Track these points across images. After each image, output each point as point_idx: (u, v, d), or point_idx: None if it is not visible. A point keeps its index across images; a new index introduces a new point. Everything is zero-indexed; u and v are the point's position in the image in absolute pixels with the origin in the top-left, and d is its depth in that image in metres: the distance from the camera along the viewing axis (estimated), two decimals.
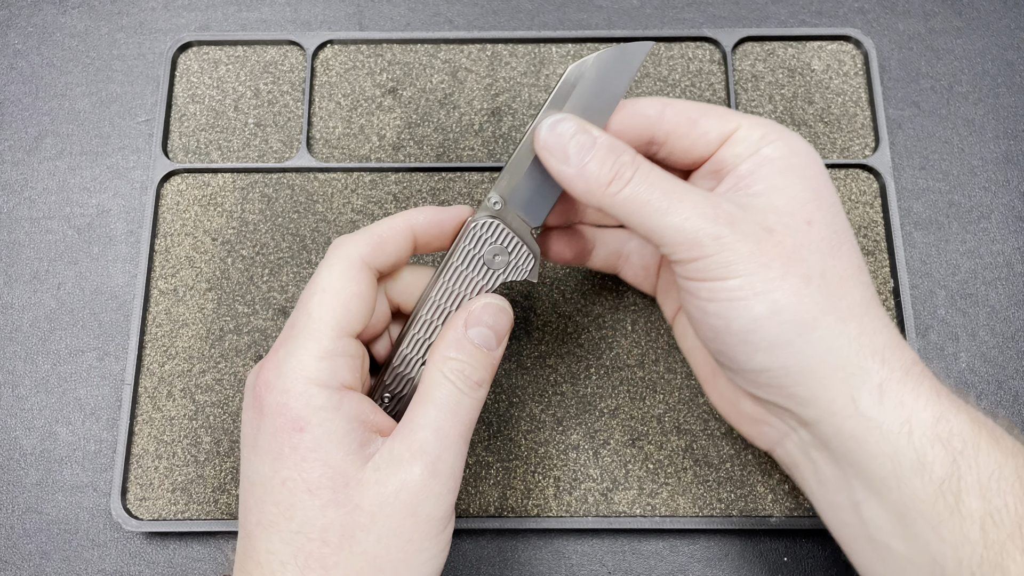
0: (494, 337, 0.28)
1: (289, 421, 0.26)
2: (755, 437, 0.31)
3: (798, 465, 0.29)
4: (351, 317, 0.27)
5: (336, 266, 0.28)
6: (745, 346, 0.26)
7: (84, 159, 0.42)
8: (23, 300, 0.40)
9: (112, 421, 0.38)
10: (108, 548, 0.36)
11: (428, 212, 0.30)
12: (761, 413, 0.29)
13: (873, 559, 0.27)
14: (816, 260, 0.26)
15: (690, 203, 0.26)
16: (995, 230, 0.40)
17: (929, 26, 0.44)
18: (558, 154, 0.27)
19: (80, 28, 0.45)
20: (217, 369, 0.38)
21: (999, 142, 0.42)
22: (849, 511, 0.27)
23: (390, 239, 0.29)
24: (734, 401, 0.30)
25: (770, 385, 0.27)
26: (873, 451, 0.25)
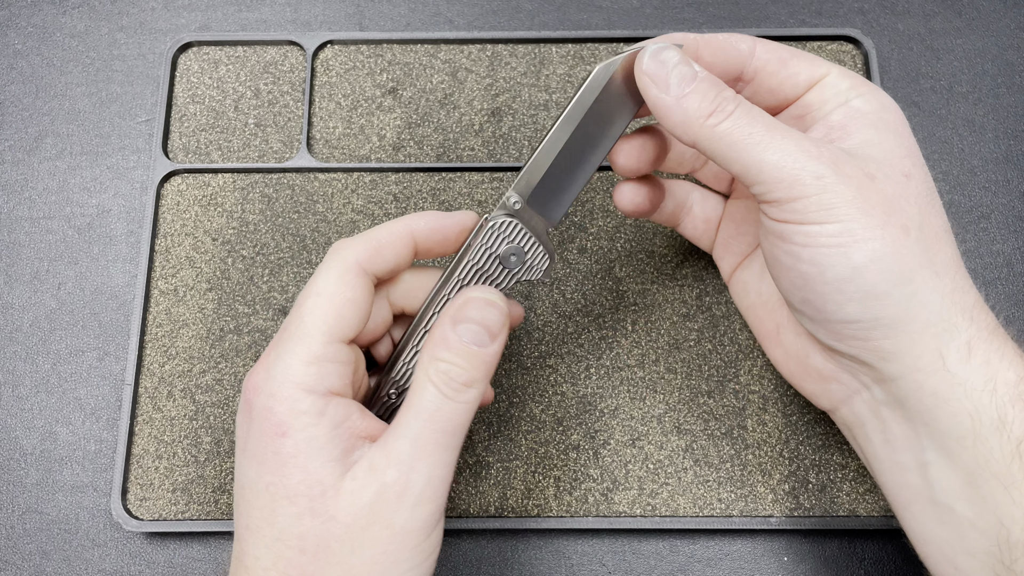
0: (485, 333, 0.27)
1: (273, 425, 0.25)
2: (818, 395, 0.30)
3: (864, 424, 0.28)
4: (343, 323, 0.27)
5: (332, 270, 0.27)
6: (838, 295, 0.25)
7: (84, 159, 0.42)
8: (23, 300, 0.40)
9: (112, 421, 0.38)
10: (108, 548, 0.36)
11: (430, 217, 0.29)
12: (832, 370, 0.29)
13: (932, 522, 0.26)
14: (915, 212, 0.26)
15: (792, 140, 0.25)
16: (995, 230, 0.40)
17: (929, 26, 0.44)
18: (660, 82, 0.26)
19: (80, 28, 0.45)
20: (217, 369, 0.38)
21: (999, 142, 0.42)
22: (914, 472, 0.27)
23: (389, 244, 0.28)
24: (803, 357, 0.30)
25: (855, 338, 0.26)
26: (954, 408, 0.25)
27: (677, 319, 0.38)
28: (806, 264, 0.25)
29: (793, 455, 0.36)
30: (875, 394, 0.27)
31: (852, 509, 0.36)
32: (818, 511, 0.36)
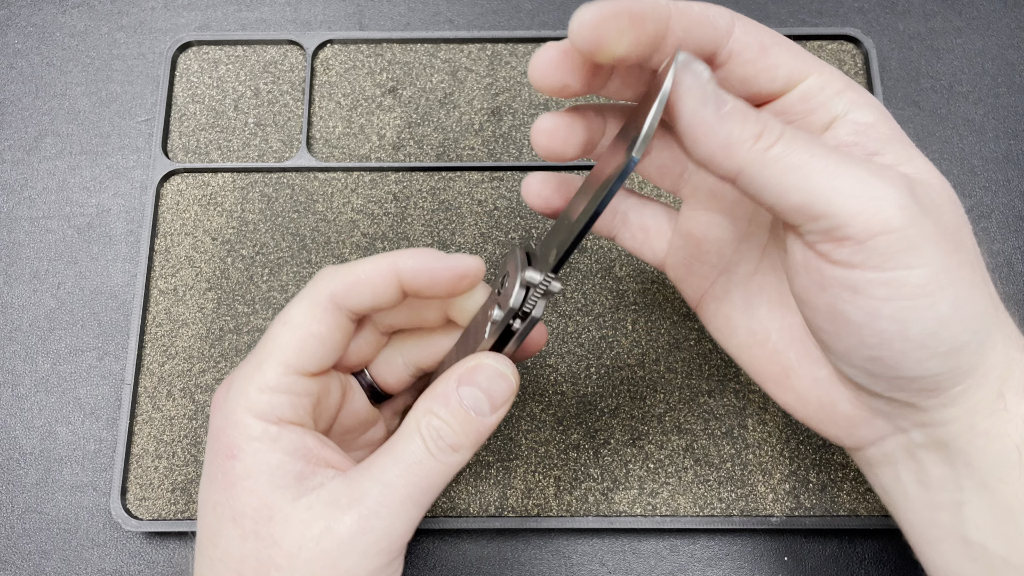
0: (487, 402, 0.25)
1: (224, 447, 0.25)
2: (843, 438, 0.27)
3: (895, 464, 0.26)
4: (303, 356, 0.25)
5: (304, 301, 0.26)
6: (920, 352, 0.22)
7: (84, 159, 0.42)
8: (23, 300, 0.40)
9: (112, 421, 0.38)
10: (108, 548, 0.36)
11: (421, 257, 0.26)
12: (865, 417, 0.25)
13: (961, 559, 0.25)
14: (971, 244, 0.23)
15: (862, 162, 0.21)
16: (995, 230, 0.40)
17: (929, 26, 0.44)
18: (697, 93, 0.21)
19: (80, 28, 0.45)
20: (217, 369, 0.38)
21: (999, 142, 0.42)
22: (947, 511, 0.25)
23: (367, 281, 0.26)
24: (826, 404, 0.26)
25: (925, 390, 0.23)
26: (1004, 444, 0.23)
27: (677, 319, 0.38)
28: (886, 321, 0.21)
29: (793, 455, 0.36)
30: (913, 437, 0.25)
31: (853, 509, 0.36)
32: (819, 511, 0.36)
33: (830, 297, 0.22)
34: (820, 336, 0.24)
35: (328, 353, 0.26)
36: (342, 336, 0.26)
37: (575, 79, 0.23)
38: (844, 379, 0.25)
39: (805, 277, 0.23)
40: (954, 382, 0.23)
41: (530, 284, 0.24)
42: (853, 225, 0.21)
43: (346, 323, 0.27)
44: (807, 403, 0.27)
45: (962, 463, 0.24)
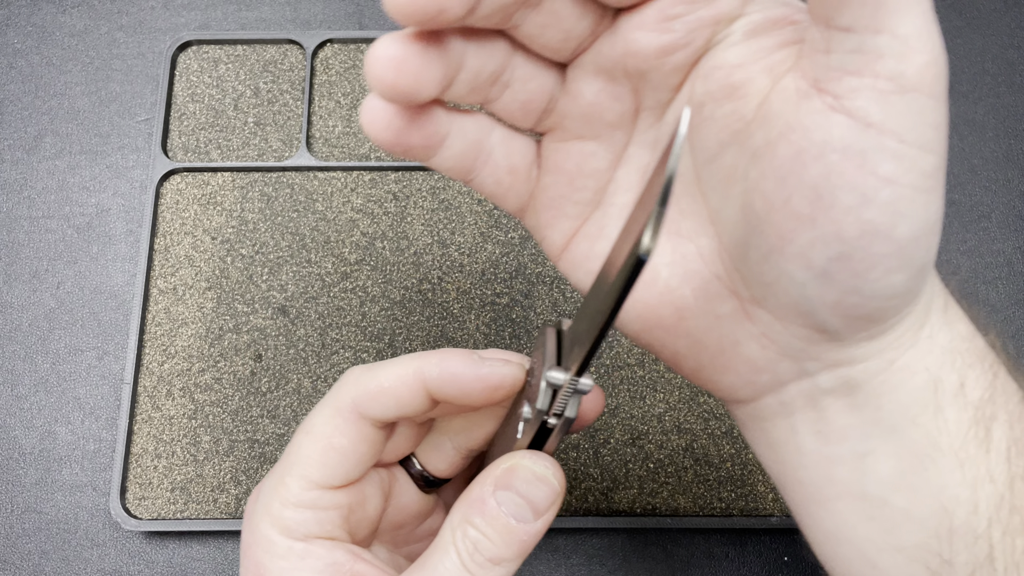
0: (528, 509, 0.22)
1: (252, 564, 0.24)
2: (737, 388, 0.23)
3: (791, 415, 0.23)
4: (327, 471, 0.24)
5: (326, 408, 0.24)
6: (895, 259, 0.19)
7: (83, 158, 0.42)
8: (22, 299, 0.40)
9: (111, 420, 0.38)
10: (107, 548, 0.36)
11: (450, 363, 0.23)
12: (771, 358, 0.22)
13: (856, 517, 0.22)
14: None
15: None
16: (996, 229, 0.40)
17: None
18: None
19: (79, 27, 0.44)
20: (216, 368, 0.38)
21: (1000, 141, 0.42)
22: (846, 465, 0.22)
23: (390, 391, 0.24)
24: (727, 347, 0.22)
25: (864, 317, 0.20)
26: (919, 381, 0.21)
27: None
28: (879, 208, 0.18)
29: None
30: (818, 382, 0.22)
31: None
32: None
33: (824, 167, 0.18)
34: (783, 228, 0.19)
35: (353, 467, 0.24)
36: (368, 447, 0.24)
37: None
38: (756, 311, 0.22)
39: (801, 138, 0.18)
40: (899, 308, 0.20)
41: (556, 387, 0.21)
42: (910, 60, 0.17)
43: (372, 433, 0.24)
44: (703, 348, 0.23)
45: (872, 407, 0.21)
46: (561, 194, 0.24)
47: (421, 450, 0.27)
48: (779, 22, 0.20)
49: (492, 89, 0.22)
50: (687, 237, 0.23)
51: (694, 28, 0.20)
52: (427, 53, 0.20)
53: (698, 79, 0.21)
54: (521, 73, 0.22)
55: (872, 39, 0.17)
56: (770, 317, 0.21)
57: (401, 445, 0.26)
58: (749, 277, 0.21)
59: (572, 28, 0.21)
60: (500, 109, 0.23)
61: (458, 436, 0.26)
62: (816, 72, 0.18)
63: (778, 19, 0.20)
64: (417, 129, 0.21)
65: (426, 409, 0.24)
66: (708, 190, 0.22)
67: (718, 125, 0.21)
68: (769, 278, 0.20)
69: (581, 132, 0.23)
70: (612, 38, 0.21)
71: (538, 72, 0.23)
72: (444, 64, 0.20)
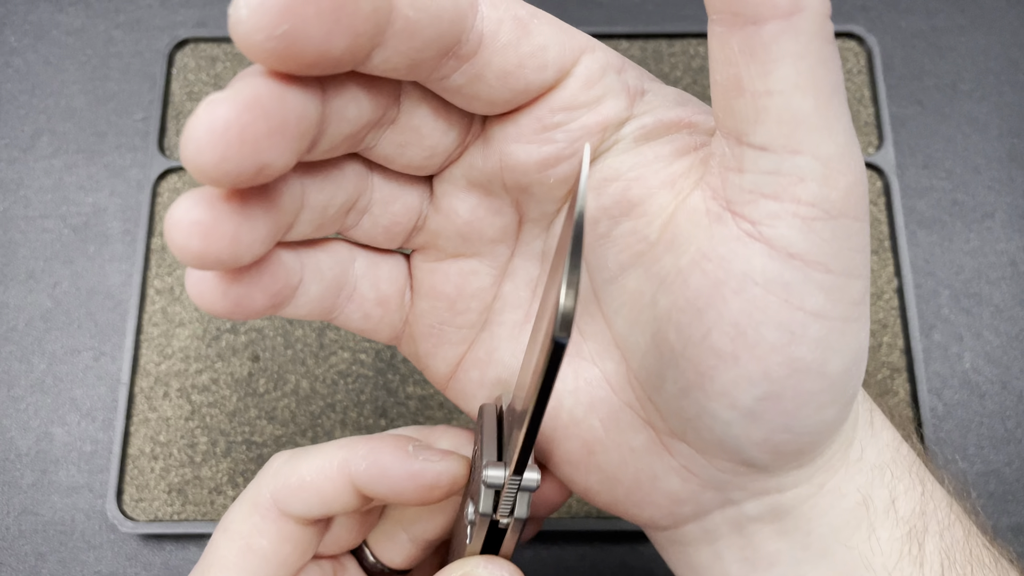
0: None
1: None
2: (657, 519, 0.21)
3: (715, 542, 0.21)
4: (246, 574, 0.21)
5: (244, 503, 0.21)
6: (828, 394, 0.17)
7: (80, 157, 0.42)
8: (18, 300, 0.40)
9: (108, 421, 0.38)
10: (104, 550, 0.36)
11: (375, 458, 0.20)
12: (693, 490, 0.20)
13: None
14: None
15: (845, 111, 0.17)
16: (999, 229, 0.40)
17: (932, 23, 0.43)
18: None
19: (76, 25, 0.44)
20: (213, 369, 0.38)
21: (1003, 140, 0.41)
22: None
23: (312, 485, 0.20)
24: (643, 481, 0.20)
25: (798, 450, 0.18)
26: (851, 502, 0.19)
27: None
28: (808, 346, 0.16)
29: None
30: (745, 510, 0.20)
31: None
32: None
33: (745, 302, 0.16)
34: (702, 365, 0.17)
35: (275, 570, 0.21)
36: (293, 548, 0.21)
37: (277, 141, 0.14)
38: (674, 444, 0.19)
39: (717, 269, 0.16)
40: (831, 440, 0.18)
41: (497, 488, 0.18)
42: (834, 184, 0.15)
43: (297, 532, 0.21)
44: (617, 483, 0.20)
45: (801, 532, 0.19)
46: (441, 320, 0.21)
47: (374, 539, 0.24)
48: (673, 125, 0.18)
49: (348, 218, 0.19)
50: (591, 361, 0.20)
51: (578, 137, 0.18)
52: (245, 210, 0.15)
53: (589, 191, 0.19)
54: (381, 195, 0.19)
55: (791, 160, 0.15)
56: (691, 451, 0.19)
57: (344, 537, 0.23)
58: (666, 411, 0.19)
59: (437, 144, 0.18)
60: (360, 236, 0.20)
61: (413, 526, 0.23)
62: (729, 193, 0.16)
63: (672, 122, 0.18)
64: (260, 290, 0.17)
65: (357, 505, 0.21)
66: (611, 313, 0.19)
67: (617, 245, 0.19)
68: (689, 414, 0.18)
69: (458, 250, 0.20)
70: (485, 150, 0.18)
71: (401, 191, 0.19)
72: (273, 217, 0.16)
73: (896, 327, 0.38)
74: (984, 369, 0.38)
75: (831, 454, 0.19)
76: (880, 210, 0.40)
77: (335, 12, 0.14)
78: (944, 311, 0.39)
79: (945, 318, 0.38)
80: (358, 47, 0.15)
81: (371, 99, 0.17)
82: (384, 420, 0.37)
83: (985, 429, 0.37)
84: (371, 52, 0.15)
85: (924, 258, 0.39)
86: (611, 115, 0.18)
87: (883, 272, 0.39)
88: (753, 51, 0.15)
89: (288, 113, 0.15)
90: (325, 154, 0.17)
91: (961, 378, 0.37)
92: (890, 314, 0.38)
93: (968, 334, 0.38)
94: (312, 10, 0.14)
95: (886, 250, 0.39)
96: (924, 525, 0.19)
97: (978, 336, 0.38)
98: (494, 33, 0.16)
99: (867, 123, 0.41)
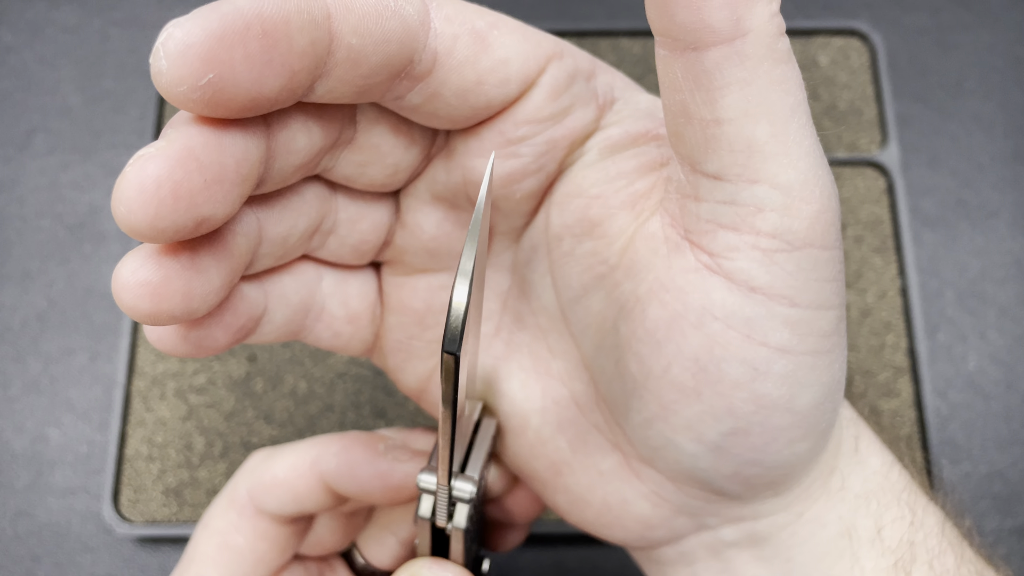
0: None
1: None
2: (632, 541, 0.20)
3: (692, 564, 0.20)
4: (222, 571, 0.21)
5: (222, 499, 0.21)
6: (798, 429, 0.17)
7: (76, 156, 0.41)
8: (13, 300, 0.39)
9: (104, 423, 0.37)
10: (100, 552, 0.36)
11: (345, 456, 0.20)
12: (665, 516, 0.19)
13: None
14: None
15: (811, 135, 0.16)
16: (1004, 228, 0.39)
17: (937, 21, 0.43)
18: None
19: (72, 23, 0.44)
20: (210, 370, 0.37)
21: (1008, 139, 0.41)
22: None
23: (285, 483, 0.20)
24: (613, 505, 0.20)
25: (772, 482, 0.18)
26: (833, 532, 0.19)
27: None
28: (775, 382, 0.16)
29: None
30: (721, 535, 0.19)
31: None
32: None
33: (705, 338, 0.15)
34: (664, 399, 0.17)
35: (252, 568, 0.21)
36: (270, 547, 0.21)
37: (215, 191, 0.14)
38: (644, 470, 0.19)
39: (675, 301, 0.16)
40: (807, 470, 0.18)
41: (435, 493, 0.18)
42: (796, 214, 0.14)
43: (273, 530, 0.21)
44: (586, 505, 0.20)
45: (781, 560, 0.19)
46: (410, 335, 0.20)
47: (363, 541, 0.24)
48: (641, 137, 0.17)
49: (312, 240, 0.18)
50: (559, 380, 0.20)
51: (544, 152, 0.17)
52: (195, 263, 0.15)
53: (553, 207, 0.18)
54: (347, 215, 0.18)
55: (748, 189, 0.14)
56: (661, 477, 0.19)
57: (328, 538, 0.23)
58: (633, 438, 0.18)
59: (399, 161, 0.17)
60: (327, 255, 0.19)
61: (401, 528, 0.23)
62: (686, 221, 0.16)
63: (639, 134, 0.17)
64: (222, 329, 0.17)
65: (331, 503, 0.21)
66: (578, 333, 0.19)
67: (580, 265, 0.18)
68: (655, 444, 0.18)
69: (426, 265, 0.20)
70: (448, 163, 0.18)
71: (367, 210, 0.19)
72: (226, 263, 0.15)
73: (900, 327, 0.37)
74: (989, 370, 0.37)
75: (809, 483, 0.18)
76: (884, 209, 0.39)
77: (266, 53, 0.13)
78: (949, 311, 0.38)
79: (950, 318, 0.38)
80: (296, 84, 0.14)
81: (321, 125, 0.16)
82: (383, 421, 0.37)
83: (990, 430, 0.36)
84: (312, 85, 0.14)
85: (928, 258, 0.39)
86: (578, 127, 0.17)
87: (887, 272, 0.38)
88: (697, 79, 0.14)
89: (226, 160, 0.14)
90: (277, 185, 0.16)
91: (966, 379, 0.37)
92: (894, 314, 0.38)
93: (973, 334, 0.38)
94: (239, 54, 0.13)
95: (890, 249, 0.39)
96: (912, 555, 0.18)
97: (983, 336, 0.38)
98: (449, 50, 0.15)
99: (871, 121, 0.41)
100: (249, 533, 0.21)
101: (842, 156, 0.40)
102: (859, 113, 0.41)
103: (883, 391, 0.37)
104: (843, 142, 0.40)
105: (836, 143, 0.40)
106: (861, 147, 0.40)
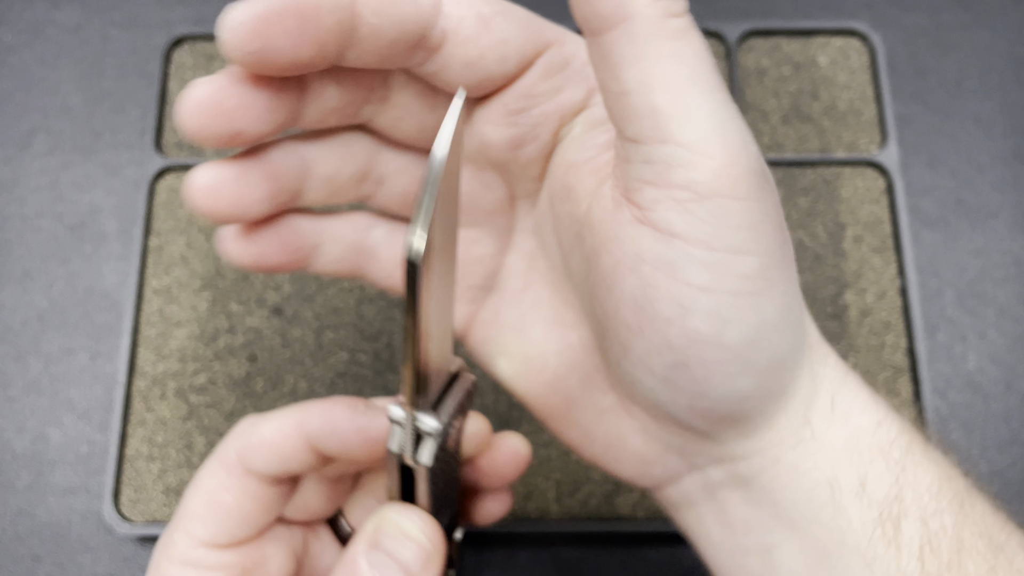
0: (399, 572, 0.20)
1: None
2: (636, 479, 0.23)
3: (695, 505, 0.22)
4: (211, 528, 0.22)
5: (213, 460, 0.22)
6: (733, 365, 0.18)
7: (76, 156, 0.42)
8: (14, 300, 0.39)
9: (104, 422, 0.37)
10: (100, 552, 0.36)
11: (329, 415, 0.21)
12: (656, 452, 0.22)
13: None
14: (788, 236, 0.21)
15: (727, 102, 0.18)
16: (1004, 229, 0.40)
17: (936, 21, 0.43)
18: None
19: (72, 23, 0.44)
20: (211, 369, 0.37)
21: (1008, 139, 0.41)
22: (757, 556, 0.21)
23: (271, 443, 0.22)
24: (613, 440, 0.22)
25: (726, 418, 0.19)
26: (812, 480, 0.20)
27: None
28: (700, 318, 0.18)
29: None
30: (711, 475, 0.21)
31: None
32: None
33: (639, 279, 0.18)
34: (621, 336, 0.19)
35: (239, 525, 0.22)
36: (256, 505, 0.22)
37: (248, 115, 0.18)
38: (632, 407, 0.21)
39: (616, 250, 0.18)
40: (762, 409, 0.19)
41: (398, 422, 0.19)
42: (700, 167, 0.17)
43: (260, 490, 0.22)
44: (593, 440, 0.23)
45: (768, 503, 0.20)
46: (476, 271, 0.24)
47: (350, 508, 0.25)
48: None
49: (363, 187, 0.22)
50: (571, 327, 0.23)
51: (538, 122, 0.20)
52: (245, 175, 0.20)
53: (548, 175, 0.21)
54: (393, 167, 0.22)
55: (660, 149, 0.17)
56: (644, 414, 0.21)
57: (314, 502, 0.24)
58: (614, 377, 0.21)
59: (425, 120, 0.21)
60: (381, 204, 0.23)
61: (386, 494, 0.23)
62: (624, 181, 0.18)
63: None
64: (278, 247, 0.21)
65: (315, 464, 0.22)
66: (575, 285, 0.22)
67: (564, 224, 0.21)
68: (626, 380, 0.20)
69: (463, 220, 0.23)
70: (470, 129, 0.21)
71: (412, 163, 0.22)
72: (271, 181, 0.20)
73: (900, 327, 0.37)
74: (989, 370, 0.37)
75: (778, 429, 0.20)
76: (884, 209, 0.39)
77: (300, 30, 0.17)
78: (948, 311, 0.38)
79: (949, 318, 0.38)
80: (326, 53, 0.18)
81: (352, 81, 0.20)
82: None
83: (989, 431, 0.37)
84: (341, 54, 0.18)
85: (928, 258, 0.39)
86: (567, 104, 0.20)
87: (886, 272, 0.38)
88: (603, 58, 0.17)
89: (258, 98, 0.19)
90: (315, 124, 0.20)
91: (965, 379, 0.37)
92: (893, 314, 0.38)
93: (972, 334, 0.38)
94: (279, 30, 0.17)
95: (889, 249, 0.39)
96: (902, 510, 0.20)
97: (982, 337, 0.38)
98: (456, 29, 0.19)
99: (870, 121, 0.41)
100: (237, 492, 0.22)
101: (842, 156, 0.40)
102: (859, 113, 0.41)
103: (883, 391, 0.37)
104: (842, 142, 0.41)
105: (835, 143, 0.41)
106: (861, 147, 0.40)
